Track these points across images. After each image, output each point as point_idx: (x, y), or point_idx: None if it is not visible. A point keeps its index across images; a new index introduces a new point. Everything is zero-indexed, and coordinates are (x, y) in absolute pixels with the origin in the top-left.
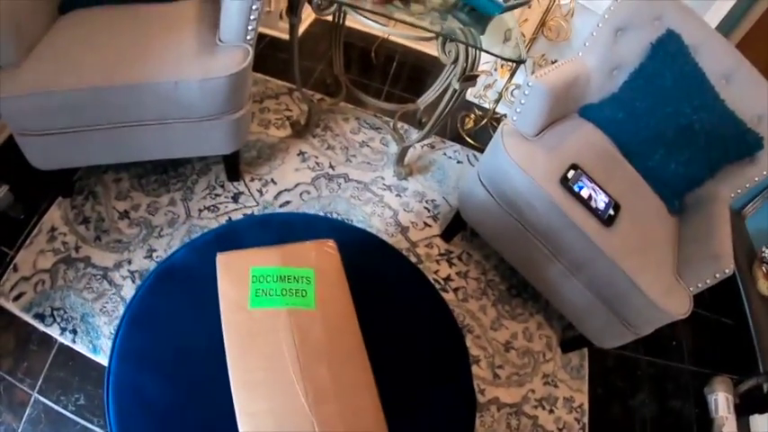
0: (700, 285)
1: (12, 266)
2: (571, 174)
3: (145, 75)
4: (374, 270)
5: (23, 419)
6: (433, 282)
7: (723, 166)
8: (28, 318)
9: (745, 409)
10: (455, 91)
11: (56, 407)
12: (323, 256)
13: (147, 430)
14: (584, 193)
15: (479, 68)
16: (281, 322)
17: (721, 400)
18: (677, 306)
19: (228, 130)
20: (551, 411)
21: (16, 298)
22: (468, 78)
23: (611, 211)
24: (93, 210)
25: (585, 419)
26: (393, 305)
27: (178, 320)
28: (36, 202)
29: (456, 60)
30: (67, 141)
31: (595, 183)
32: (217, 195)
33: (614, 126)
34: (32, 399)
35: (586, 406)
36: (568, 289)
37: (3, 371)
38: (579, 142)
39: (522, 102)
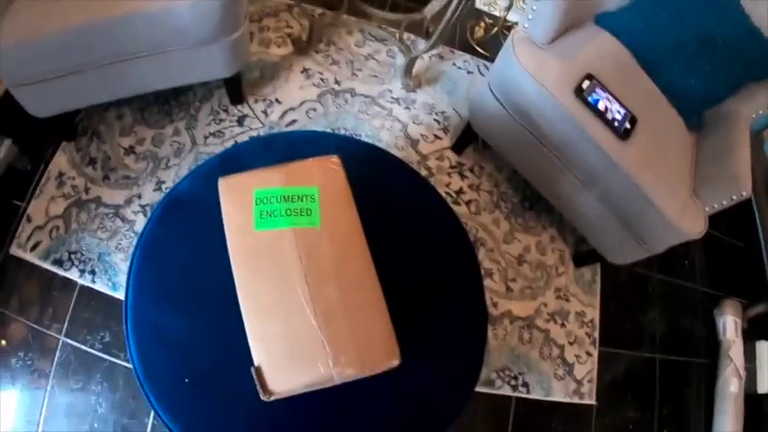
0: (715, 206)
1: (25, 218)
2: (586, 84)
3: (132, 6)
4: (384, 185)
5: (54, 362)
6: (444, 195)
7: (745, 84)
8: (47, 265)
9: (752, 333)
10: None
11: (83, 347)
12: (327, 173)
13: (166, 360)
14: (600, 105)
15: None
16: (287, 243)
17: (729, 324)
18: (692, 225)
19: (226, 52)
20: (563, 325)
21: (33, 247)
22: None
23: (628, 125)
24: (99, 149)
25: (596, 334)
26: (404, 220)
27: (189, 250)
28: (41, 151)
29: None
30: (63, 85)
31: (611, 94)
32: (221, 120)
33: (632, 36)
34: (60, 342)
35: (597, 321)
36: (582, 203)
37: (30, 320)
38: (595, 51)
39: (534, 7)
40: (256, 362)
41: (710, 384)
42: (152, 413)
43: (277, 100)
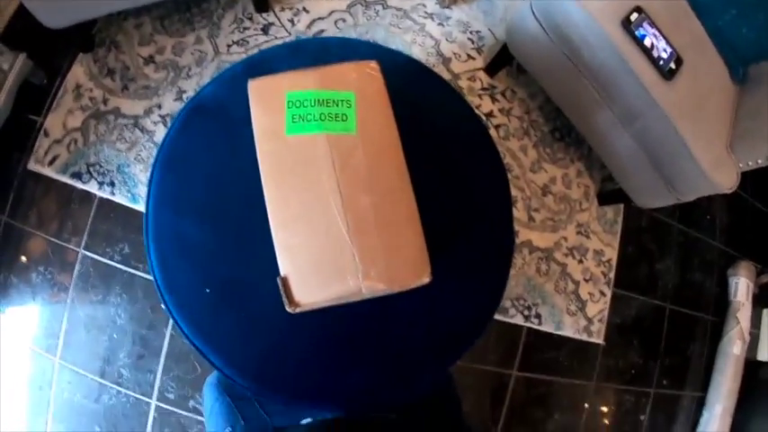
0: (750, 164)
1: (42, 132)
2: (634, 17)
3: None
4: (416, 97)
5: (74, 276)
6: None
7: None
8: (65, 179)
9: (762, 300)
10: None
11: (102, 259)
12: (365, 78)
13: (188, 271)
14: (646, 41)
15: None
16: (321, 149)
17: (742, 285)
18: (724, 179)
19: None
20: (580, 261)
21: (51, 162)
22: None
23: (673, 65)
24: (117, 60)
25: (612, 275)
26: (436, 134)
27: (211, 158)
28: (57, 64)
29: None
30: None
31: (659, 31)
32: (245, 29)
33: None
34: (80, 255)
35: (614, 261)
36: (616, 139)
37: (50, 234)
38: None
39: None
40: (283, 272)
41: (714, 342)
42: (170, 324)
43: (304, 9)
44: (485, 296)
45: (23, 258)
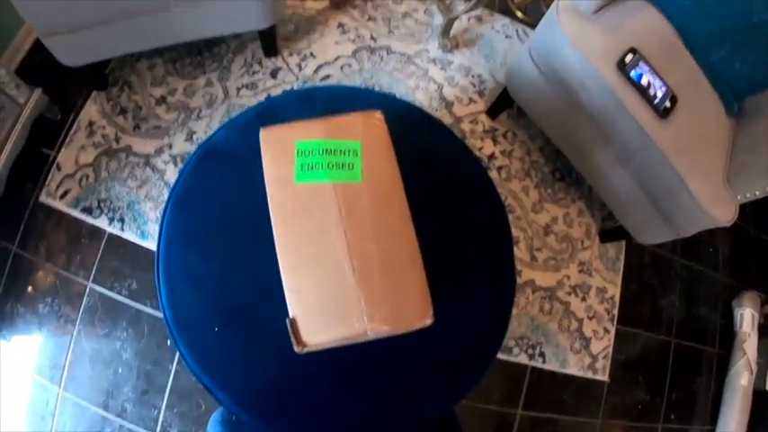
0: (747, 195)
1: (55, 166)
2: (629, 58)
3: None
4: (420, 144)
5: (81, 309)
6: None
7: None
8: (76, 213)
9: None
10: None
11: (110, 293)
12: (370, 127)
13: (197, 308)
14: (642, 80)
15: None
16: (328, 196)
17: (747, 316)
18: (722, 212)
19: (263, 3)
20: (583, 299)
21: (63, 195)
22: None
23: (668, 103)
24: (130, 99)
25: (615, 311)
26: (438, 178)
27: (222, 199)
28: (71, 100)
29: None
30: (94, 35)
31: (654, 70)
32: (254, 72)
33: (679, 13)
34: (88, 288)
35: (617, 298)
36: (614, 178)
37: (58, 266)
38: (640, 26)
39: None
40: (291, 314)
41: (721, 375)
42: (176, 360)
43: (312, 54)
44: (488, 334)
45: (31, 289)
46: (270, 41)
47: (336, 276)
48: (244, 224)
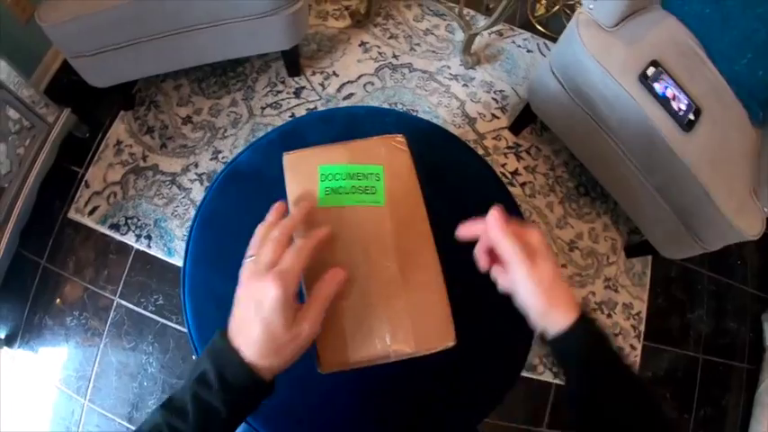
0: None
1: (83, 183)
2: (651, 71)
3: None
4: (441, 162)
5: (108, 322)
6: (499, 175)
7: None
8: (104, 229)
9: None
10: None
11: (137, 308)
12: (392, 151)
13: (221, 326)
14: (664, 94)
15: None
16: (351, 220)
17: None
18: (749, 225)
19: (286, 24)
20: (609, 316)
21: (91, 212)
22: None
23: (692, 116)
24: (156, 118)
25: (642, 327)
26: (460, 198)
27: (247, 219)
28: (99, 119)
29: None
30: (121, 57)
31: (676, 83)
32: (278, 92)
33: (700, 22)
34: (115, 303)
35: (644, 314)
36: (639, 192)
37: (85, 281)
38: (661, 37)
39: None
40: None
41: (751, 391)
42: None
43: (334, 73)
44: (512, 353)
45: (59, 301)
46: (293, 61)
47: (359, 299)
48: None
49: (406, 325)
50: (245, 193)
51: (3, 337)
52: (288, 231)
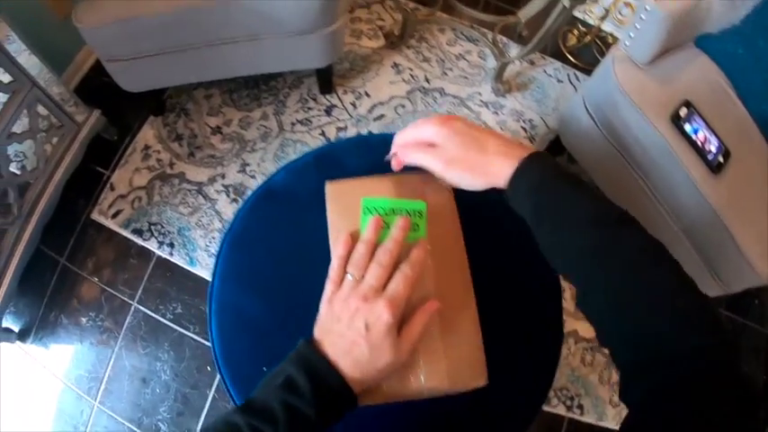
0: None
1: (109, 185)
2: (683, 111)
3: None
4: (474, 197)
5: (124, 326)
6: None
7: None
8: (126, 233)
9: None
10: (563, 7)
11: (154, 315)
12: (435, 189)
13: (246, 347)
14: (695, 136)
15: None
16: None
17: None
18: None
19: (322, 43)
20: None
21: (114, 215)
22: None
23: (721, 158)
24: (186, 126)
25: None
26: (495, 233)
27: (277, 243)
28: (128, 123)
29: None
30: (156, 64)
31: (707, 124)
32: (309, 109)
33: (732, 62)
34: (132, 308)
35: None
36: (663, 231)
37: (104, 282)
38: (693, 76)
39: (638, 26)
40: None
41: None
42: (214, 387)
43: (366, 93)
44: (532, 391)
45: (76, 301)
46: (326, 79)
47: None
48: (298, 271)
49: (441, 364)
50: (278, 215)
51: (17, 330)
52: (394, 257)
